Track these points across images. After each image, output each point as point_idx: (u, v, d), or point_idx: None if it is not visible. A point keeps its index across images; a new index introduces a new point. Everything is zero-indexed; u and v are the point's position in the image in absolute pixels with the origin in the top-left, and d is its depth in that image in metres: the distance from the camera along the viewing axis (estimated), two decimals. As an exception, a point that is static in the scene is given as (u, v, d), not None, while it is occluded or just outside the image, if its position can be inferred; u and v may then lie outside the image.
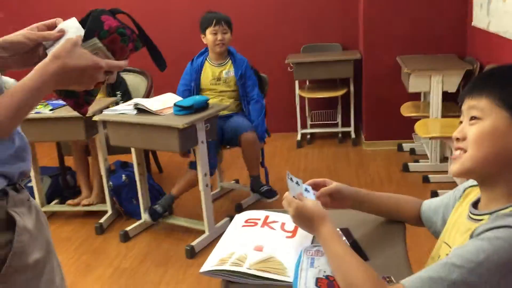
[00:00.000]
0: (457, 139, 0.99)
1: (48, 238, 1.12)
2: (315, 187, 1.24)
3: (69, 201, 3.43)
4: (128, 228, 3.08)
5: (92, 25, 1.03)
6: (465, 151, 0.97)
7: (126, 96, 3.63)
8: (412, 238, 2.40)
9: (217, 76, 3.33)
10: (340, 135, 4.75)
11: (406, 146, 4.30)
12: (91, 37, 1.02)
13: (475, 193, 1.08)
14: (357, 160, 4.22)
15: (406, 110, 3.89)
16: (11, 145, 1.03)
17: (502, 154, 0.94)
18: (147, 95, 3.73)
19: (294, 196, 1.14)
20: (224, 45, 3.27)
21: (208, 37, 3.25)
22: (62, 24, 1.05)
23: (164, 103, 2.82)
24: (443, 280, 0.86)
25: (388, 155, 4.24)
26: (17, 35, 1.06)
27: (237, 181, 3.79)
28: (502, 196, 0.96)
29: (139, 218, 3.19)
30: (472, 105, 0.98)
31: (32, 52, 1.06)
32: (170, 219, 3.19)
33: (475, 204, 1.04)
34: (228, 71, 3.34)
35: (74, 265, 2.81)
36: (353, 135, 4.65)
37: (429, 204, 1.28)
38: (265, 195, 3.30)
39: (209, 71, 3.34)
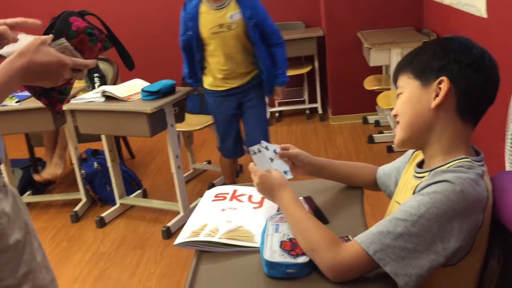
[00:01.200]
0: (394, 116, 1.13)
1: (27, 220, 1.18)
2: (282, 152, 1.33)
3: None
4: (103, 214, 3.13)
5: (60, 26, 1.08)
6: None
7: (103, 79, 3.68)
8: (376, 205, 2.55)
9: (219, 22, 2.68)
10: (307, 111, 4.86)
11: (371, 118, 4.44)
12: (60, 37, 1.07)
13: (421, 156, 1.19)
14: (325, 134, 4.35)
15: (369, 83, 4.02)
16: None
17: (421, 114, 1.06)
18: (114, 82, 3.74)
19: None
20: None
21: None
22: (21, 36, 1.10)
23: (131, 89, 2.86)
24: (390, 233, 0.96)
25: (354, 128, 4.38)
26: None
27: (209, 162, 3.87)
28: (439, 154, 1.07)
29: (114, 203, 3.24)
30: (397, 86, 1.13)
31: None
32: (145, 203, 3.25)
33: (420, 165, 1.16)
34: (232, 14, 2.68)
35: (52, 253, 2.86)
36: (320, 111, 4.76)
37: (383, 170, 1.39)
38: None
39: (207, 17, 2.70)
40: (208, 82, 2.90)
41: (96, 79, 3.66)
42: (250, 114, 2.91)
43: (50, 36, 1.05)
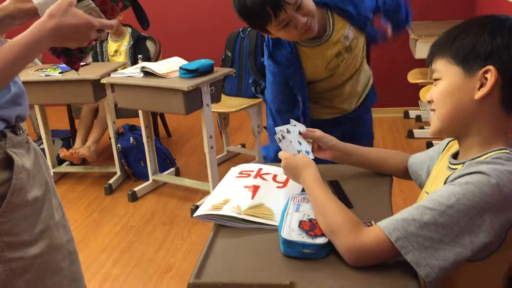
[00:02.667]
0: (429, 101, 1.05)
1: (47, 177, 1.20)
2: (307, 133, 1.31)
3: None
4: (136, 189, 3.18)
5: None
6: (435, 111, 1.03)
7: (147, 61, 3.73)
8: (409, 200, 2.46)
9: (335, 54, 1.72)
10: (347, 102, 4.76)
11: (413, 113, 4.31)
12: None
13: (457, 146, 1.13)
14: (363, 126, 4.25)
15: (413, 77, 3.89)
16: (7, 91, 1.10)
17: (462, 106, 0.98)
18: (156, 59, 3.78)
19: None
20: (312, 27, 1.55)
21: (280, 35, 1.59)
22: None
23: (170, 66, 2.87)
24: (415, 221, 0.91)
25: (394, 122, 4.27)
26: (7, 6, 1.14)
27: (243, 145, 3.86)
28: (476, 145, 1.00)
29: (147, 179, 3.29)
30: (433, 68, 1.04)
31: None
32: (177, 180, 3.28)
33: (455, 156, 1.09)
34: (345, 35, 1.70)
35: (84, 222, 2.93)
36: (360, 102, 4.66)
37: (415, 158, 1.33)
38: None
39: (316, 58, 1.71)
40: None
41: (140, 60, 3.70)
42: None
43: None
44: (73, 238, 1.27)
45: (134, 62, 3.69)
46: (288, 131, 1.26)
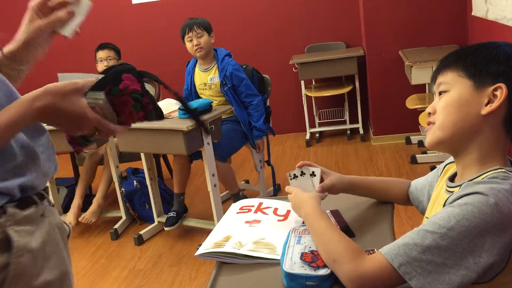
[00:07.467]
0: (429, 113, 1.05)
1: (65, 257, 1.06)
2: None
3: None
4: (142, 232, 3.17)
5: (109, 78, 0.98)
6: (435, 123, 1.03)
7: None
8: (417, 220, 2.43)
9: (203, 82, 3.30)
10: (348, 132, 4.79)
11: (414, 138, 4.32)
12: (101, 89, 0.97)
13: (453, 169, 1.13)
14: (366, 155, 4.25)
15: (411, 102, 3.92)
16: (6, 161, 0.97)
17: (468, 120, 0.98)
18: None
19: None
20: (202, 49, 3.16)
21: (187, 45, 3.22)
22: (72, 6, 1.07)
23: (168, 107, 2.90)
24: (417, 246, 0.91)
25: (397, 149, 4.27)
26: (27, 33, 1.06)
27: (247, 181, 3.85)
28: (474, 163, 1.00)
29: (152, 221, 3.28)
30: (440, 81, 1.04)
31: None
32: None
33: (452, 178, 1.09)
34: (213, 77, 3.26)
35: (91, 269, 2.91)
36: (361, 131, 4.68)
37: (415, 184, 1.33)
38: None
39: (197, 76, 3.33)
40: None
41: None
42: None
43: (92, 81, 0.97)
44: None
45: None
46: (303, 174, 1.26)
